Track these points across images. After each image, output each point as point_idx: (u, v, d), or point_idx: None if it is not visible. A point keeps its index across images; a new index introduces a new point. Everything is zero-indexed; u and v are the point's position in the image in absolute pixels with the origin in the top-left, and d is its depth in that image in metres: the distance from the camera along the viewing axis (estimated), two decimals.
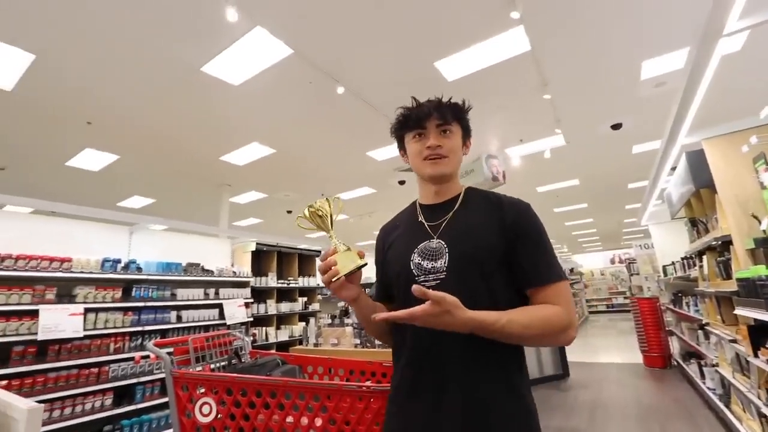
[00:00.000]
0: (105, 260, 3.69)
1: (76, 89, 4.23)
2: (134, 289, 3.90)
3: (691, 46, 2.17)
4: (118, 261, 3.82)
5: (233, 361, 2.01)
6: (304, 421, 1.44)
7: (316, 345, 3.34)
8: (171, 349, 1.81)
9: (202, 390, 1.66)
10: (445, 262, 0.95)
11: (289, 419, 1.47)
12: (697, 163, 3.00)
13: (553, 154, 6.59)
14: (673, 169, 3.97)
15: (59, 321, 3.19)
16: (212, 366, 1.96)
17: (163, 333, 4.02)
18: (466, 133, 1.11)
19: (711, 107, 3.11)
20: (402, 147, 1.14)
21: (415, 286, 0.78)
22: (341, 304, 3.96)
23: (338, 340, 3.21)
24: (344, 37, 3.68)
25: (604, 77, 4.50)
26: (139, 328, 3.81)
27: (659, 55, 4.05)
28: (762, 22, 1.57)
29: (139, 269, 3.97)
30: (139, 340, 3.81)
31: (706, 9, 2.91)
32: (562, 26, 3.61)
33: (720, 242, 2.87)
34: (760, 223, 2.37)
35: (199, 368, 1.87)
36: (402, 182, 7.97)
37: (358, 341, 3.12)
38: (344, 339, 3.19)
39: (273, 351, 2.59)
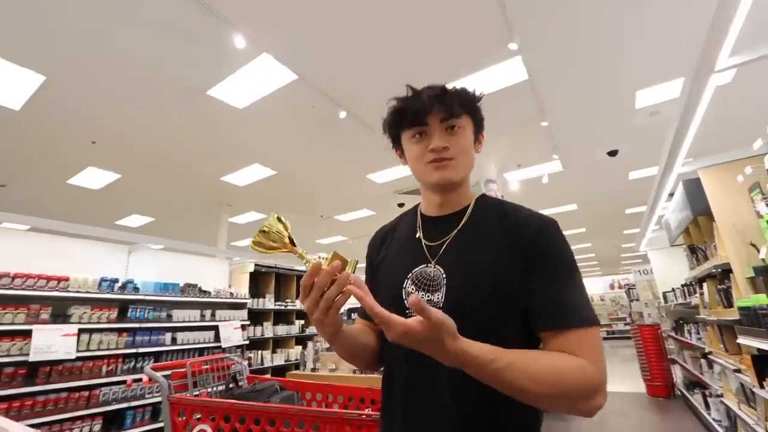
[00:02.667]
0: (102, 279, 3.66)
1: (82, 109, 4.31)
2: (130, 310, 3.85)
3: (685, 79, 2.24)
4: (116, 281, 3.79)
5: (231, 386, 1.97)
6: None
7: (313, 370, 3.28)
8: (168, 373, 1.78)
9: (199, 416, 1.62)
10: (442, 296, 0.76)
11: None
12: (695, 191, 3.05)
13: (551, 179, 6.67)
14: (671, 195, 4.02)
15: (52, 342, 3.13)
16: (209, 391, 1.92)
17: (157, 355, 3.93)
18: (478, 127, 0.90)
19: (706, 137, 3.19)
20: (397, 146, 0.93)
21: (413, 299, 0.58)
22: None
23: (336, 365, 3.15)
24: (348, 65, 3.79)
25: (599, 105, 4.62)
26: (133, 350, 3.74)
27: (652, 85, 4.18)
28: (751, 60, 1.64)
29: (136, 289, 3.92)
30: (132, 363, 3.73)
31: (696, 42, 3.03)
32: (559, 57, 3.73)
33: (720, 270, 2.87)
34: (758, 251, 2.39)
35: (197, 393, 1.83)
36: (401, 205, 8.02)
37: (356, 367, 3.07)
38: (342, 364, 3.13)
39: (268, 376, 2.54)
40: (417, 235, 0.88)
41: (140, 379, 3.60)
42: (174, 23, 3.17)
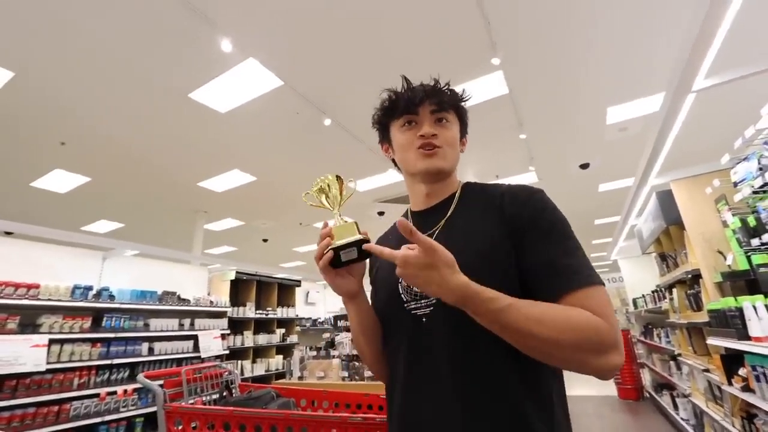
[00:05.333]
0: (76, 287, 3.47)
1: (53, 108, 4.11)
2: (105, 319, 3.65)
3: (666, 94, 2.40)
4: (90, 288, 3.59)
5: (224, 394, 1.92)
6: None
7: (300, 378, 3.22)
8: (161, 382, 1.72)
9: (195, 425, 1.57)
10: None
11: None
12: (667, 201, 3.26)
13: None
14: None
15: (20, 353, 2.93)
16: (204, 399, 1.86)
17: (133, 366, 3.75)
18: (464, 128, 0.94)
19: (675, 152, 3.42)
20: (385, 138, 0.95)
21: (400, 220, 0.64)
22: (326, 335, 3.86)
23: (325, 373, 3.11)
24: (334, 73, 3.81)
25: (574, 120, 4.85)
26: (107, 362, 3.54)
27: (622, 102, 4.44)
28: (728, 80, 1.81)
29: (111, 297, 3.74)
30: (107, 375, 3.53)
31: (665, 64, 3.24)
32: (538, 73, 3.92)
33: (690, 275, 3.07)
34: (725, 258, 2.58)
35: (191, 402, 1.77)
36: (381, 213, 8.05)
37: (345, 374, 3.04)
38: (331, 371, 3.10)
39: (254, 384, 2.48)
40: None
41: (114, 392, 3.42)
42: (157, 22, 3.07)
